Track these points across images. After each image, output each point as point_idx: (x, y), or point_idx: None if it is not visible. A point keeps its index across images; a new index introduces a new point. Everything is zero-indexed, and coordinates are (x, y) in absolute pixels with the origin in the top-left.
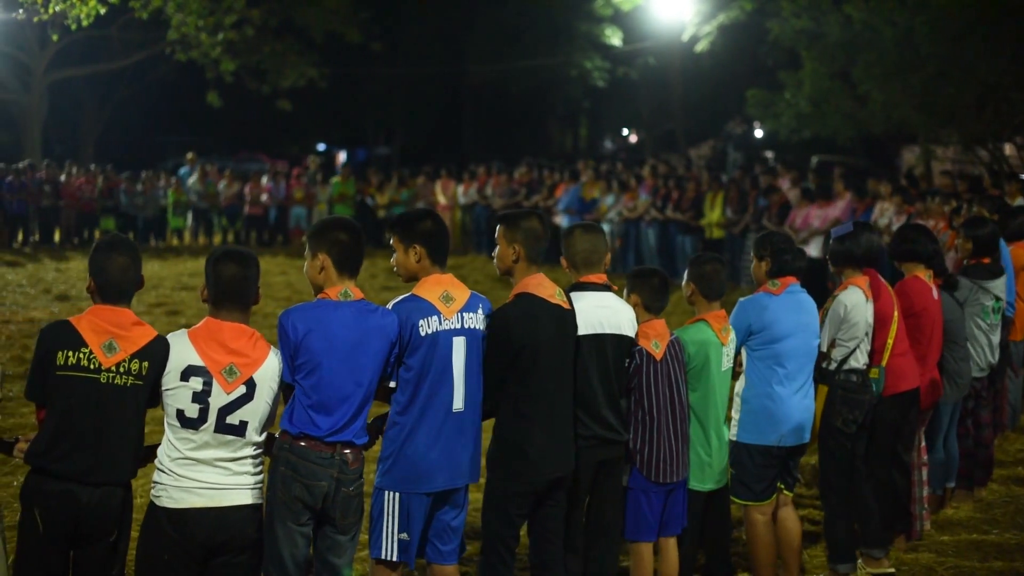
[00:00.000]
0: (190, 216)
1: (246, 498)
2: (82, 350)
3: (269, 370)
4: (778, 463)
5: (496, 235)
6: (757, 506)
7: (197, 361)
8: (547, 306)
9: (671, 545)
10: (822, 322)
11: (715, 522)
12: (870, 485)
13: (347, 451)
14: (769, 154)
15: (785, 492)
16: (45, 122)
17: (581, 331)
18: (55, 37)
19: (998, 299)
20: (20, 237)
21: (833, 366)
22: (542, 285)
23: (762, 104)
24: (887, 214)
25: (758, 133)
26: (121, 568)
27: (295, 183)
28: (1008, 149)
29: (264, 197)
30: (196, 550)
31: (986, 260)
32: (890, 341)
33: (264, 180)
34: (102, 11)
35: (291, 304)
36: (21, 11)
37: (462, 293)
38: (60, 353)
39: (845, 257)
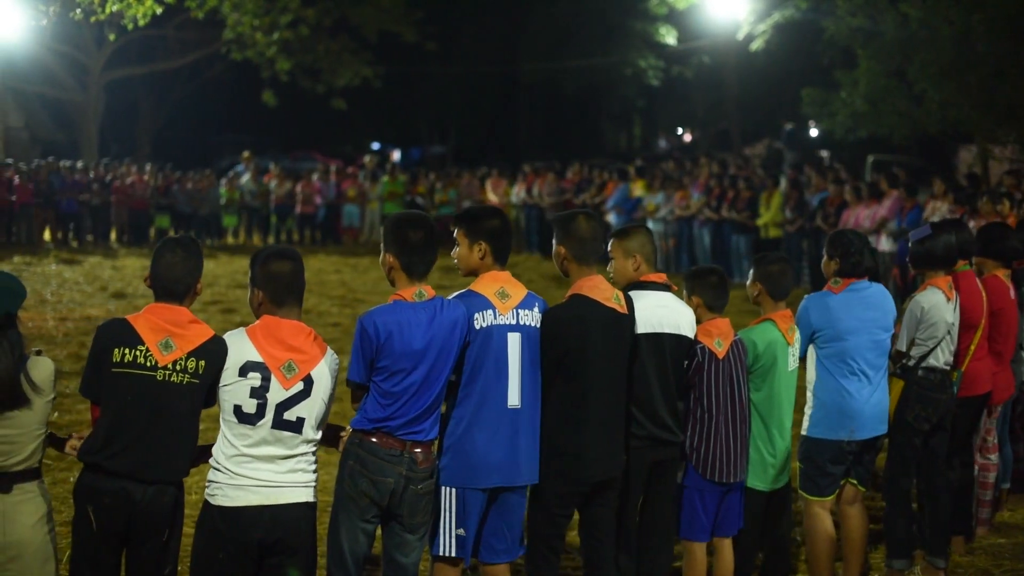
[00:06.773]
0: (244, 215)
1: (301, 496)
2: (139, 347)
3: (326, 367)
4: (849, 459)
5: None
6: (819, 501)
7: (256, 357)
8: (600, 309)
9: (726, 546)
10: (900, 322)
11: (775, 522)
12: (942, 485)
13: (417, 450)
14: (824, 153)
15: (859, 487)
16: (102, 121)
17: (640, 330)
18: (112, 37)
19: None
20: (73, 235)
21: (912, 363)
22: (598, 287)
23: (817, 103)
24: (939, 212)
25: (813, 132)
26: (174, 566)
27: (348, 182)
28: None
29: (316, 196)
30: (251, 548)
31: None
32: (973, 347)
33: (315, 178)
34: (158, 11)
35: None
36: (78, 11)
37: (518, 291)
38: (116, 350)
39: (926, 258)
